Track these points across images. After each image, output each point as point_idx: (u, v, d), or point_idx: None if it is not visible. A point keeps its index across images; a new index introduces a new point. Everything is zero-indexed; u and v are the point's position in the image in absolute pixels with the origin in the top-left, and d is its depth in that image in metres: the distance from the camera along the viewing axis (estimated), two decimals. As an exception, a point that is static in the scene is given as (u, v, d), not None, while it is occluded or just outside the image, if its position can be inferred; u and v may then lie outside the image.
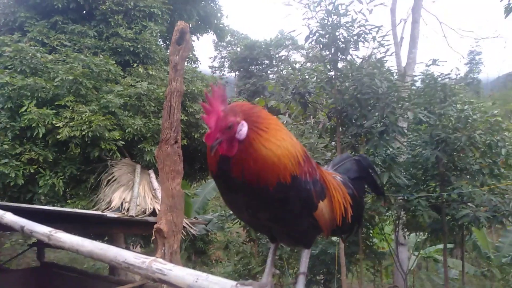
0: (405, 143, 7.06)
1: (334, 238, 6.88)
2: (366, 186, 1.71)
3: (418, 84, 6.96)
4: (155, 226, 4.31)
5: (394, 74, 6.52)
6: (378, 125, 5.80)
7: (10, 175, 5.98)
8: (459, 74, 8.49)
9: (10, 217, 1.94)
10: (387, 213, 7.35)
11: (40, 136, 6.23)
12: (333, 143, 7.09)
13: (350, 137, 6.37)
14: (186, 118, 7.26)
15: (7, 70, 6.75)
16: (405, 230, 7.67)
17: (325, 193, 1.37)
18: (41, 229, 1.67)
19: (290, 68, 6.88)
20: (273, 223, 1.33)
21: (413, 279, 10.27)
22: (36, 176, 6.36)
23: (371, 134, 5.95)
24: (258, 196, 1.21)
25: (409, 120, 6.56)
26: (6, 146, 6.12)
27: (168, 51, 10.09)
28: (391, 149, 6.38)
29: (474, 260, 12.25)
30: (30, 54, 6.77)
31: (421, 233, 8.42)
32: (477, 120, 6.25)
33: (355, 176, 1.63)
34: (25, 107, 6.22)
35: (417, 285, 10.40)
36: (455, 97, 6.48)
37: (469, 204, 6.07)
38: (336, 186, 1.47)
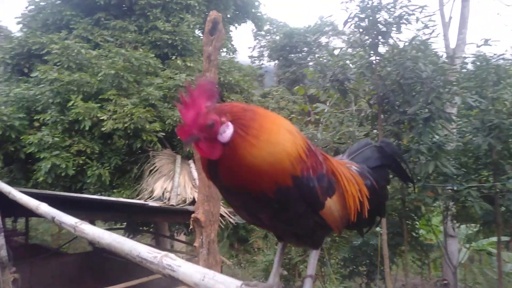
0: (454, 130, 6.66)
1: (377, 228, 6.69)
2: (391, 175, 1.58)
3: (469, 66, 6.50)
4: (192, 215, 4.37)
5: (441, 57, 6.13)
6: (423, 111, 5.48)
7: (61, 166, 6.34)
8: (515, 53, 7.83)
9: (44, 208, 2.04)
10: (434, 204, 7.01)
11: (87, 128, 6.54)
12: (374, 131, 6.83)
13: (392, 124, 6.09)
14: (224, 108, 7.29)
15: (55, 66, 7.12)
16: (455, 221, 7.28)
17: (334, 188, 1.25)
18: (68, 220, 1.74)
19: (328, 55, 6.66)
20: (275, 223, 1.24)
21: (464, 273, 9.79)
22: (84, 167, 6.70)
23: (415, 121, 5.65)
24: (255, 201, 1.12)
25: (458, 106, 6.16)
26: (57, 139, 6.49)
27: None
28: (437, 137, 6.03)
29: (534, 252, 11.44)
30: (76, 51, 7.09)
31: (472, 224, 7.97)
32: (536, 103, 5.75)
33: (376, 165, 1.49)
34: (72, 101, 6.54)
35: (469, 278, 9.90)
36: (510, 80, 5.99)
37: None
38: (351, 178, 1.35)
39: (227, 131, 1.09)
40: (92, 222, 8.10)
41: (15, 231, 9.22)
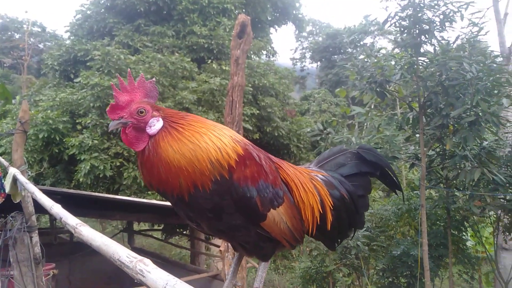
0: (508, 135, 6.14)
1: (419, 238, 6.31)
2: (371, 183, 1.44)
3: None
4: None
5: (492, 56, 5.65)
6: (468, 114, 5.08)
7: (99, 167, 6.59)
8: None
9: (56, 209, 2.09)
10: (484, 214, 6.49)
11: (124, 132, 6.73)
12: (416, 135, 6.44)
13: (435, 128, 5.70)
14: (258, 112, 7.23)
15: (97, 72, 7.43)
16: (507, 233, 6.72)
17: (281, 198, 1.16)
18: (71, 222, 1.76)
19: (366, 55, 6.40)
20: (216, 234, 1.19)
21: (518, 289, 9.00)
22: (121, 169, 6.92)
23: (460, 125, 5.24)
24: (183, 205, 1.07)
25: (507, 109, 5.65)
26: (96, 141, 6.76)
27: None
28: (486, 142, 5.57)
29: None
30: (116, 56, 7.35)
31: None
32: None
33: (352, 172, 1.37)
34: (111, 106, 6.76)
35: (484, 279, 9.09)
36: None
37: None
38: (310, 188, 1.25)
39: (157, 125, 1.09)
40: (130, 223, 8.35)
41: (62, 228, 9.73)
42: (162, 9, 8.80)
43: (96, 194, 5.55)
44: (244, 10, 9.22)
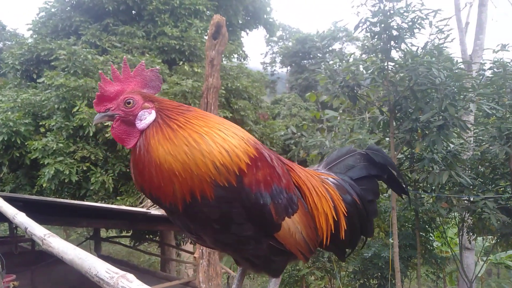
0: (470, 139, 6.39)
1: (390, 240, 6.44)
2: (380, 186, 1.37)
3: (487, 73, 6.24)
4: (192, 226, 4.22)
5: (456, 62, 5.88)
6: (436, 118, 5.24)
7: (64, 172, 6.28)
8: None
9: (20, 218, 1.94)
10: (450, 215, 6.72)
11: (91, 134, 6.48)
12: (386, 138, 6.59)
13: (404, 132, 5.85)
14: (231, 115, 7.16)
15: (62, 72, 7.11)
16: (471, 233, 6.99)
17: (296, 205, 1.04)
18: (38, 232, 1.62)
19: (338, 60, 6.49)
20: (221, 248, 1.05)
21: (481, 287, 9.40)
22: (88, 174, 6.64)
23: (429, 129, 5.40)
24: (180, 215, 0.94)
25: (475, 113, 5.90)
26: (61, 145, 6.44)
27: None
28: (452, 145, 5.77)
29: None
30: (83, 56, 7.07)
31: (489, 237, 7.63)
32: (558, 112, 5.45)
33: (362, 175, 1.28)
34: (77, 107, 6.50)
35: (485, 291, 9.51)
36: (529, 86, 5.70)
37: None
38: (323, 192, 1.14)
39: (147, 118, 0.97)
40: (97, 230, 8.03)
41: (23, 236, 9.21)
42: (132, 8, 8.57)
43: (62, 200, 5.27)
44: (216, 12, 9.13)
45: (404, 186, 1.40)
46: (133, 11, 8.72)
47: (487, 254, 8.46)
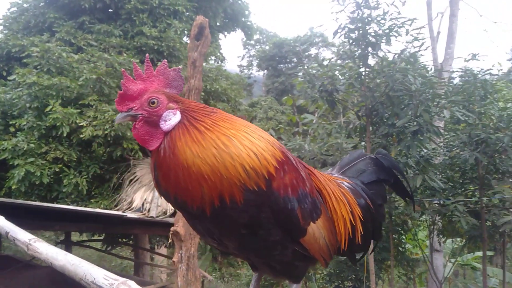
0: (441, 144, 6.62)
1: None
2: (388, 190, 1.38)
3: (456, 81, 6.50)
4: (171, 229, 4.16)
5: (430, 70, 6.10)
6: (411, 124, 5.41)
7: (36, 174, 6.04)
8: (501, 70, 7.90)
9: None
10: (421, 218, 6.93)
11: (65, 135, 6.28)
12: (362, 143, 6.73)
13: (380, 137, 6.00)
14: (209, 117, 7.11)
15: (35, 70, 6.85)
16: (441, 236, 7.22)
17: (320, 209, 1.03)
18: (22, 237, 1.54)
19: (317, 65, 6.58)
20: (245, 254, 1.04)
21: (449, 287, 9.72)
22: (60, 175, 6.41)
23: (404, 134, 5.57)
24: (205, 220, 0.92)
25: (446, 119, 6.12)
26: (32, 145, 6.20)
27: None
28: (425, 150, 5.97)
29: (513, 268, 11.47)
30: (57, 54, 6.84)
31: (458, 239, 7.92)
32: (522, 119, 5.73)
33: (372, 180, 1.29)
34: (51, 106, 6.28)
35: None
36: (497, 95, 5.99)
37: (511, 210, 5.59)
38: (341, 196, 1.14)
39: (172, 119, 0.94)
40: (68, 234, 7.77)
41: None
42: (109, 7, 8.38)
43: (35, 203, 5.08)
44: (195, 13, 9.07)
45: (409, 190, 1.42)
46: (110, 10, 8.53)
47: (455, 256, 8.78)
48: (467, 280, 11.57)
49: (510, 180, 5.93)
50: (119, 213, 5.56)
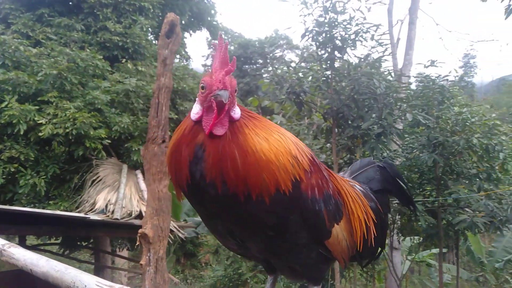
0: (402, 146, 6.89)
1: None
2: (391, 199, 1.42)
3: (413, 86, 6.80)
4: (139, 231, 4.05)
5: (392, 75, 6.35)
6: (375, 126, 5.60)
7: (-12, 174, 5.67)
8: (457, 76, 8.35)
9: None
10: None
11: (21, 133, 5.93)
12: (328, 144, 6.88)
13: (346, 138, 6.16)
14: (176, 116, 6.99)
15: (-12, 63, 6.42)
16: (400, 234, 7.52)
17: (341, 211, 1.04)
18: None
19: (285, 67, 6.66)
20: (268, 256, 1.03)
21: (405, 284, 10.14)
22: (16, 176, 6.05)
23: (368, 136, 5.75)
24: (243, 219, 0.90)
25: (406, 122, 6.38)
26: (-16, 143, 5.81)
27: (159, 47, 9.82)
28: (387, 152, 6.19)
29: (466, 264, 12.17)
30: (13, 47, 6.45)
31: (416, 237, 8.26)
32: (475, 123, 6.09)
33: (379, 188, 1.31)
34: (6, 102, 5.91)
35: (410, 289, 10.27)
36: (453, 100, 6.33)
37: (466, 209, 5.91)
38: (356, 198, 1.15)
39: (237, 111, 0.95)
40: (22, 238, 7.33)
41: None
42: (70, 0, 8.02)
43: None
44: (162, 11, 8.89)
45: (411, 198, 1.46)
46: (70, 3, 8.15)
47: (412, 253, 9.17)
48: (422, 276, 12.09)
49: (464, 181, 6.27)
50: (82, 215, 5.32)
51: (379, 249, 1.30)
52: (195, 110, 0.97)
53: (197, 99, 0.98)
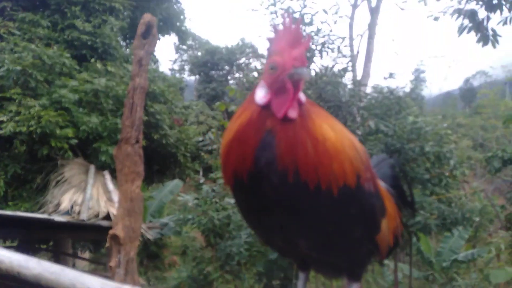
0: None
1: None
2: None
3: (369, 97, 7.21)
4: (110, 232, 4.02)
5: (355, 84, 6.72)
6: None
7: None
8: (410, 88, 8.93)
9: None
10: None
11: (-19, 130, 5.70)
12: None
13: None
14: (146, 118, 6.97)
15: None
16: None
17: (385, 206, 1.03)
18: None
19: (255, 73, 6.87)
20: (318, 252, 0.97)
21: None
22: (-27, 175, 5.80)
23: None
24: (305, 211, 0.85)
25: (363, 130, 6.77)
26: None
27: (128, 49, 9.71)
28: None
29: (415, 264, 12.80)
30: (-28, 41, 6.20)
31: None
32: (429, 132, 6.56)
33: (391, 184, 1.27)
34: (-34, 98, 5.68)
35: (364, 287, 10.67)
36: (409, 110, 6.79)
37: (420, 211, 6.33)
38: (387, 195, 1.13)
39: (301, 95, 0.90)
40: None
41: None
42: (35, -5, 7.80)
43: None
44: (133, 12, 8.83)
45: (411, 199, 1.41)
46: (36, -2, 7.94)
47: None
48: (375, 275, 12.52)
49: (418, 185, 6.72)
50: (45, 216, 5.18)
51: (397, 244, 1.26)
52: (261, 94, 0.90)
53: (260, 82, 0.93)
